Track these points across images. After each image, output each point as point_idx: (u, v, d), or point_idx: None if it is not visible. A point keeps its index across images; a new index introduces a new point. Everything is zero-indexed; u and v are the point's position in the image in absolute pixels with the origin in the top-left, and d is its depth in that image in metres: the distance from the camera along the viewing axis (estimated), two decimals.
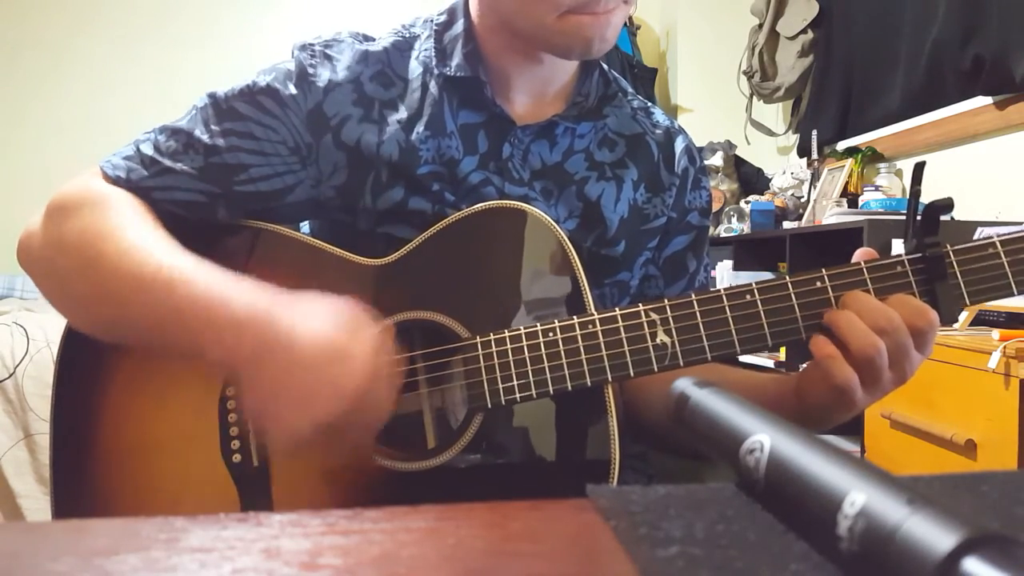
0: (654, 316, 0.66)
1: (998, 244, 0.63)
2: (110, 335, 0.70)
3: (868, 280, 0.64)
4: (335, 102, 0.76)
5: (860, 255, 0.66)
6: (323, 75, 0.77)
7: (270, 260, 0.76)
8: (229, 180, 0.74)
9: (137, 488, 0.72)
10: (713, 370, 0.79)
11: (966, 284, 0.64)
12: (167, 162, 0.74)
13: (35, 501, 1.93)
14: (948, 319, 0.63)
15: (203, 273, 0.63)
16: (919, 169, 0.68)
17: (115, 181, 0.73)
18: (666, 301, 0.66)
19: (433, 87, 0.79)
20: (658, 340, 0.65)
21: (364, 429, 0.62)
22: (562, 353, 0.66)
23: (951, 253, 0.64)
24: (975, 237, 0.65)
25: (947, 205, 0.64)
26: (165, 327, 0.63)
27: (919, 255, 0.64)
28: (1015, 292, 0.64)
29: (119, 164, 0.74)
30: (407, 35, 0.82)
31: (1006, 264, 0.63)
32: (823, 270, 0.65)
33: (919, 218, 0.65)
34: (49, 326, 2.04)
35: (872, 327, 0.60)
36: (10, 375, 1.97)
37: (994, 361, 1.22)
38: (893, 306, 0.61)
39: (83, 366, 0.75)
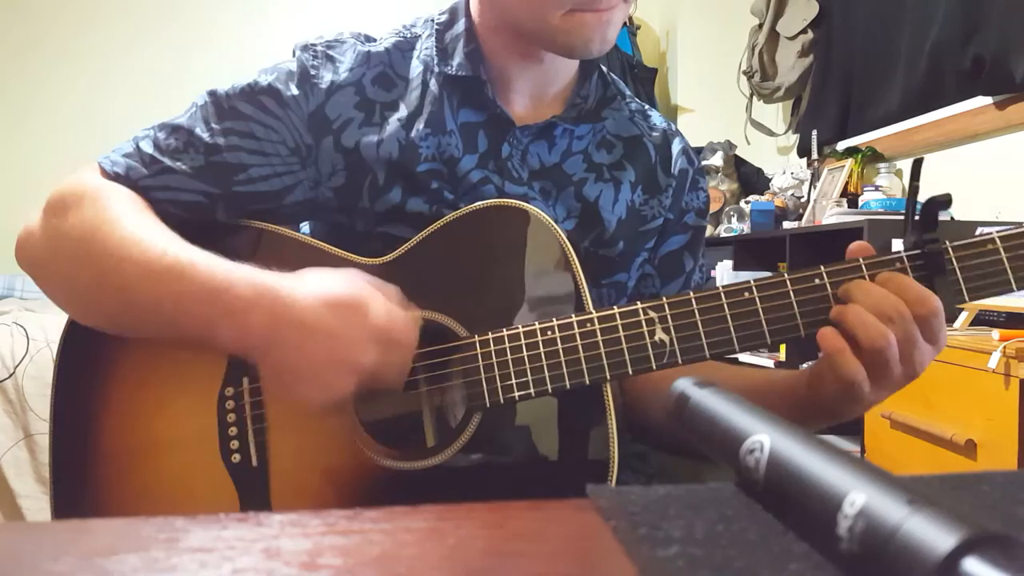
0: (652, 314, 0.65)
1: (997, 240, 0.63)
2: (117, 326, 0.70)
3: (867, 277, 0.64)
4: (337, 104, 0.76)
5: (854, 250, 0.66)
6: (325, 77, 0.77)
7: (269, 260, 0.76)
8: (229, 180, 0.74)
9: (136, 488, 0.72)
10: (715, 368, 0.79)
11: (965, 280, 0.64)
12: (167, 161, 0.74)
13: (35, 501, 1.93)
14: (948, 315, 0.63)
15: (205, 258, 0.64)
16: (917, 165, 0.68)
17: (114, 178, 0.73)
18: (664, 299, 0.66)
19: (433, 85, 0.79)
20: (656, 338, 0.65)
21: (398, 367, 0.64)
22: (560, 352, 0.66)
23: (950, 249, 0.64)
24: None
25: (946, 201, 0.64)
26: (173, 313, 0.63)
27: (918, 251, 0.64)
28: (1014, 288, 0.63)
29: (118, 162, 0.74)
30: (408, 35, 0.82)
31: (1005, 260, 0.63)
32: (821, 267, 0.64)
33: (918, 214, 0.65)
34: (49, 326, 2.04)
35: (879, 317, 0.60)
36: (10, 375, 1.97)
37: (994, 361, 1.22)
38: (895, 292, 0.61)
39: (83, 366, 0.75)
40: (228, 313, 0.61)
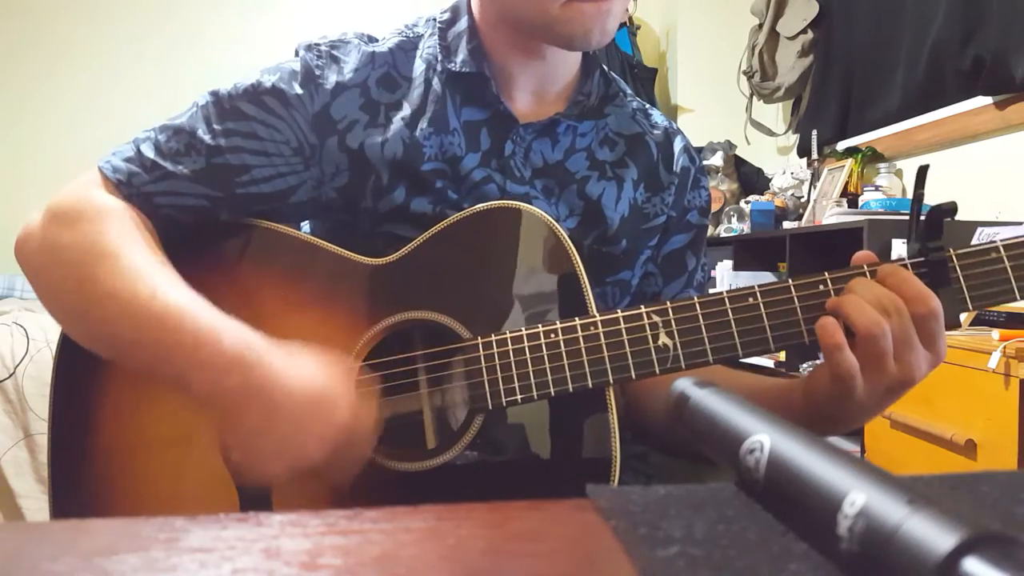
0: (656, 318, 0.65)
1: (1001, 248, 0.63)
2: (95, 350, 0.70)
3: None
4: (342, 105, 0.76)
5: (859, 258, 0.66)
6: (330, 77, 0.77)
7: (271, 259, 0.76)
8: (231, 181, 0.74)
9: (136, 487, 0.72)
10: (718, 373, 0.79)
11: (969, 288, 0.64)
12: (168, 165, 0.73)
13: (35, 501, 1.93)
14: (951, 323, 0.63)
15: (195, 307, 0.63)
16: (923, 172, 0.68)
17: (116, 185, 0.73)
18: (668, 303, 0.66)
19: (436, 83, 0.79)
20: (660, 342, 0.65)
21: (341, 473, 0.64)
22: (563, 354, 0.66)
23: (954, 257, 0.64)
24: (975, 237, 0.65)
25: (951, 209, 0.64)
26: (151, 358, 0.63)
27: (922, 259, 0.64)
28: (1017, 297, 0.63)
29: (120, 167, 0.73)
30: (411, 35, 0.82)
31: (1009, 269, 0.63)
32: (826, 273, 0.65)
33: (922, 221, 0.65)
34: (49, 326, 2.04)
35: (875, 306, 0.60)
36: (10, 375, 1.97)
37: (994, 361, 1.22)
38: (894, 289, 0.62)
39: (82, 366, 0.74)
40: (205, 370, 0.60)
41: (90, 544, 0.29)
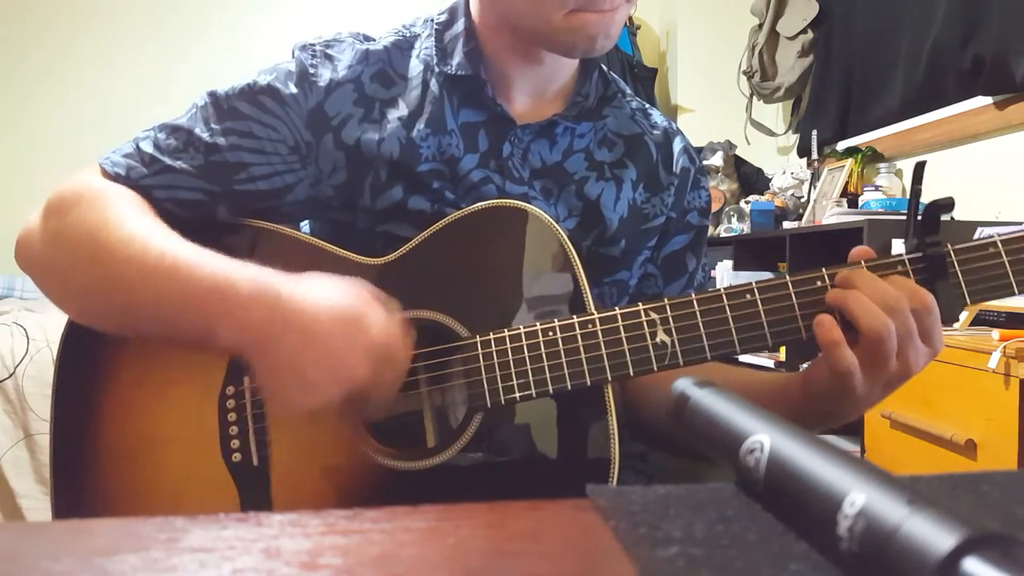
0: (654, 315, 0.65)
1: (999, 243, 0.63)
2: (117, 326, 0.70)
3: None
4: (336, 102, 0.76)
5: (856, 254, 0.66)
6: (324, 75, 0.77)
7: (269, 259, 0.76)
8: (229, 179, 0.74)
9: (137, 488, 0.72)
10: (716, 370, 0.79)
11: (967, 283, 0.64)
12: (167, 160, 0.74)
13: (35, 501, 1.93)
14: (949, 318, 0.63)
15: (206, 257, 0.64)
16: (920, 168, 0.68)
17: (115, 179, 0.73)
18: (666, 300, 0.66)
19: (434, 85, 0.79)
20: (658, 339, 0.65)
21: (390, 383, 0.64)
22: (562, 352, 0.66)
23: (952, 252, 0.64)
24: (975, 237, 0.65)
25: (948, 204, 0.64)
26: (173, 313, 0.63)
27: (920, 254, 0.64)
28: (1016, 291, 0.64)
29: (119, 162, 0.74)
30: (407, 34, 0.82)
31: (1007, 263, 0.63)
32: (823, 269, 0.65)
33: (920, 217, 0.65)
34: (49, 326, 2.04)
35: (881, 306, 0.60)
36: (10, 375, 1.97)
37: (994, 361, 1.22)
38: (894, 284, 0.62)
39: (83, 365, 0.75)
40: (228, 312, 0.61)
41: (90, 544, 0.29)
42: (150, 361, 0.73)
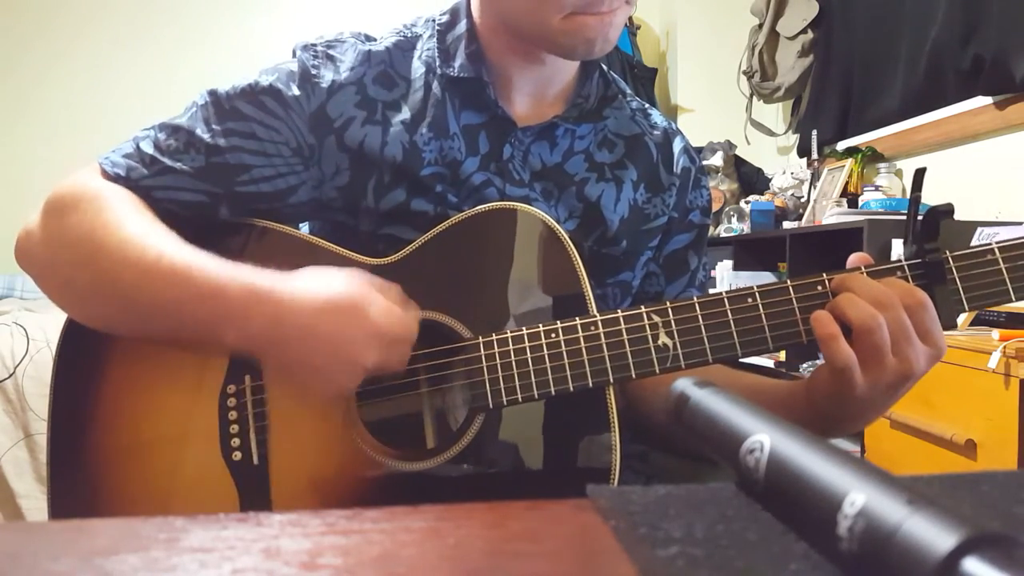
0: (656, 318, 0.66)
1: (996, 251, 0.64)
2: (116, 327, 0.71)
3: None
4: (339, 103, 0.76)
5: (855, 260, 0.66)
6: (326, 76, 0.77)
7: (270, 259, 0.76)
8: (231, 180, 0.74)
9: (136, 487, 0.72)
10: (719, 373, 0.80)
11: (965, 290, 0.64)
12: (167, 161, 0.74)
13: (35, 501, 1.93)
14: (947, 324, 0.64)
15: (203, 260, 0.65)
16: (919, 175, 0.68)
17: (115, 179, 0.73)
18: (668, 303, 0.66)
19: (436, 87, 0.79)
20: (660, 342, 0.65)
21: (397, 363, 0.65)
22: (564, 354, 0.66)
23: (950, 259, 0.64)
24: (975, 237, 0.66)
25: (947, 211, 0.64)
26: (173, 316, 0.64)
27: (918, 260, 0.64)
28: (1013, 298, 0.64)
29: (119, 162, 0.74)
30: (409, 35, 0.82)
31: (1004, 271, 0.63)
32: (824, 274, 0.65)
33: (919, 223, 0.65)
34: (49, 326, 2.04)
35: (871, 303, 0.61)
36: (10, 375, 1.97)
37: (994, 361, 1.22)
38: (886, 285, 0.62)
39: (82, 365, 0.74)
40: (228, 316, 0.62)
41: (90, 544, 0.29)
42: (150, 360, 0.73)
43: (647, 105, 0.92)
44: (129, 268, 0.65)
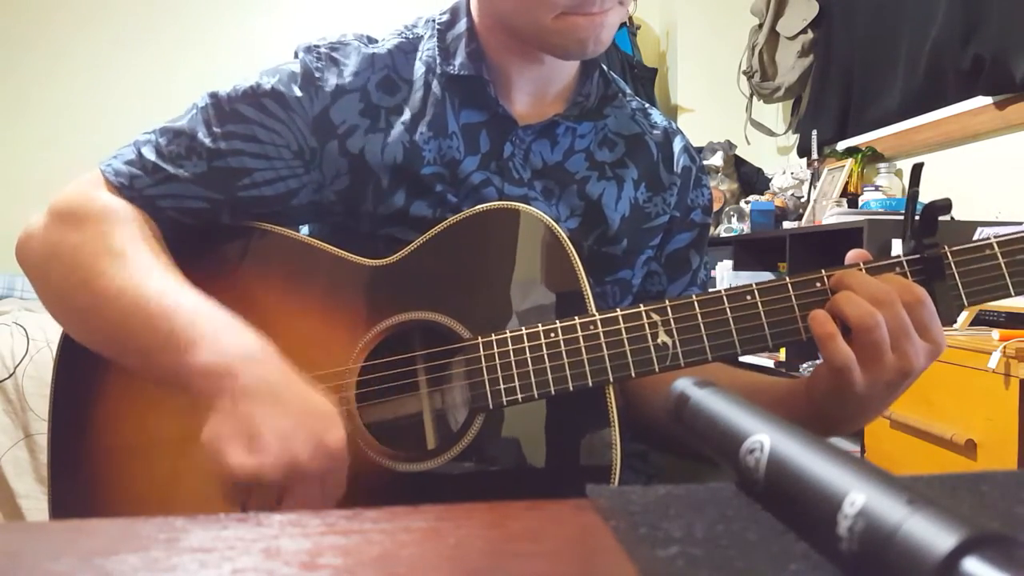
0: (655, 317, 0.66)
1: (995, 245, 0.64)
2: (98, 349, 0.70)
3: None
4: (342, 110, 0.76)
5: (853, 256, 0.66)
6: (330, 80, 0.77)
7: (272, 261, 0.76)
8: (233, 185, 0.74)
9: (135, 487, 0.72)
10: (720, 372, 0.80)
11: (964, 285, 0.64)
12: (170, 168, 0.73)
13: (35, 501, 1.93)
14: (946, 319, 0.63)
15: (192, 310, 0.63)
16: (917, 170, 0.68)
17: (118, 188, 0.73)
18: (667, 302, 0.66)
19: (436, 86, 0.79)
20: (659, 340, 0.65)
21: (332, 492, 0.60)
22: (563, 353, 0.66)
23: (949, 254, 0.64)
24: (975, 237, 0.66)
25: (945, 206, 0.64)
26: (149, 356, 0.63)
27: (917, 256, 0.64)
28: (1012, 293, 0.64)
29: (121, 170, 0.74)
30: (410, 36, 0.82)
31: (1003, 265, 0.63)
32: (823, 271, 0.65)
33: (917, 219, 0.65)
34: (49, 326, 2.04)
35: (870, 300, 0.60)
36: (10, 375, 1.97)
37: (994, 361, 1.22)
38: (884, 282, 0.62)
39: (82, 365, 0.74)
40: (194, 372, 0.60)
41: (90, 544, 0.29)
42: None
43: (647, 105, 0.92)
44: (125, 302, 0.64)
